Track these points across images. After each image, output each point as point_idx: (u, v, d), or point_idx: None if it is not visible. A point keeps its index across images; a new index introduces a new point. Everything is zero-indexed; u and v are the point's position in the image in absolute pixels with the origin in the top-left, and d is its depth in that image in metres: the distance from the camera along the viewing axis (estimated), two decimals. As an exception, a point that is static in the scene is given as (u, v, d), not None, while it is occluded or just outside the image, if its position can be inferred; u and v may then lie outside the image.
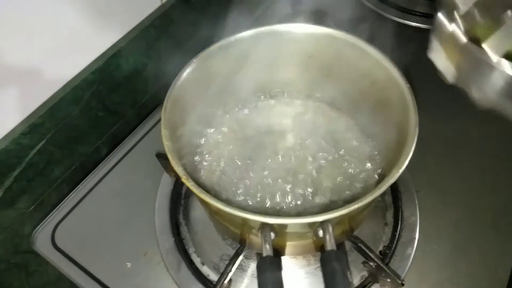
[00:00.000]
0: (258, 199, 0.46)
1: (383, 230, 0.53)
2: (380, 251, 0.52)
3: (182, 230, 0.55)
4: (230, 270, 0.47)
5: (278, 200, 0.46)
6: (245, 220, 0.38)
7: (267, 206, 0.46)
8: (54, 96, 0.60)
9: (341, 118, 0.52)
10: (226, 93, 0.50)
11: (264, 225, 0.37)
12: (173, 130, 0.41)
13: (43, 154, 0.61)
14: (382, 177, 0.45)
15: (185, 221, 0.56)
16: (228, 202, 0.34)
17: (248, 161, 0.48)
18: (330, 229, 0.36)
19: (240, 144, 0.50)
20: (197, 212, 0.56)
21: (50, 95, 0.59)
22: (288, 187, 0.46)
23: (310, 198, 0.46)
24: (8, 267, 0.58)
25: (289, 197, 0.46)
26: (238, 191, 0.46)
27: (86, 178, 0.62)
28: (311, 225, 0.37)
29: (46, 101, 0.59)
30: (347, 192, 0.46)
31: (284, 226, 0.37)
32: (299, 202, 0.46)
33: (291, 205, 0.46)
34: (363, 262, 0.50)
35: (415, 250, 0.52)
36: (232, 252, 0.49)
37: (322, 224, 0.36)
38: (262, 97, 0.54)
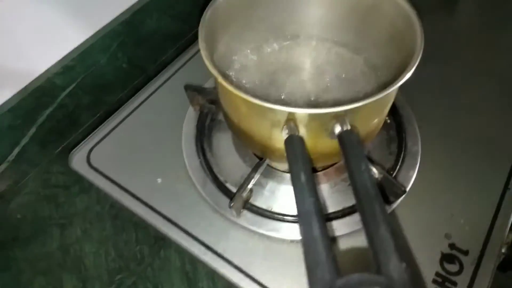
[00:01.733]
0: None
1: (387, 158, 0.58)
2: (385, 173, 0.57)
3: (206, 154, 0.59)
4: (253, 177, 0.51)
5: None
6: (271, 118, 0.43)
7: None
8: (85, 42, 0.64)
9: (353, 55, 0.57)
10: (248, 29, 0.55)
11: (289, 120, 0.41)
12: (208, 47, 0.46)
13: (73, 97, 0.65)
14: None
15: (209, 147, 0.60)
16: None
17: (270, 83, 0.54)
18: (347, 121, 0.41)
19: (262, 71, 0.55)
20: (220, 142, 0.61)
21: (82, 41, 0.65)
22: (305, 100, 0.52)
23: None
24: (38, 199, 0.62)
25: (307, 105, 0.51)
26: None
27: (118, 110, 0.67)
28: (330, 120, 0.41)
29: (78, 46, 0.64)
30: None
31: (309, 119, 0.41)
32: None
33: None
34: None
35: (416, 174, 0.56)
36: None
37: (339, 118, 0.41)
38: (281, 37, 0.59)
